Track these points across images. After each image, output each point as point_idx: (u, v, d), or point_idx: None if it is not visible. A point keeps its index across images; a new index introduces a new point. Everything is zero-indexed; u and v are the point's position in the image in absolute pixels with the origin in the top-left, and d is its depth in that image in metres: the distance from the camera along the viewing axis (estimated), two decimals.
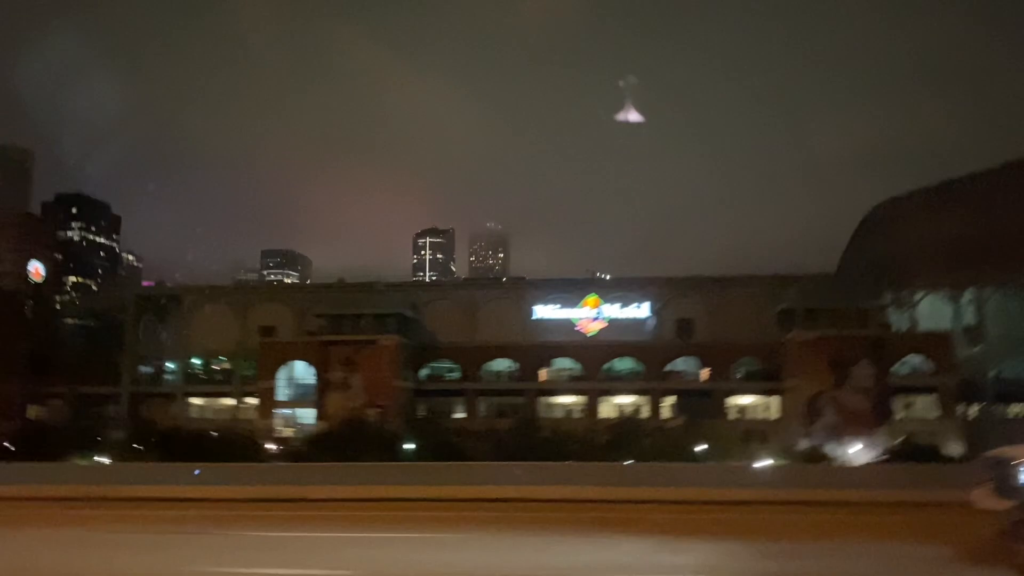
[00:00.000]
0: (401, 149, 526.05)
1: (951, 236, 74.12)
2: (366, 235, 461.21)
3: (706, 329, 78.67)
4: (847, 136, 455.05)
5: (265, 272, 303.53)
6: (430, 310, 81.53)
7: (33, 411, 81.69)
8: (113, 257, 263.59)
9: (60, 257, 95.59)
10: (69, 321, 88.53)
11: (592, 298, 79.72)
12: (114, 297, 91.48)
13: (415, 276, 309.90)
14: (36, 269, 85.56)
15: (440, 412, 77.16)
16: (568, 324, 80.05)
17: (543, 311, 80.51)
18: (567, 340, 79.08)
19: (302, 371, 78.13)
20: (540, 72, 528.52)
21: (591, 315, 79.60)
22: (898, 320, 76.25)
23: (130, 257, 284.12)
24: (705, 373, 78.69)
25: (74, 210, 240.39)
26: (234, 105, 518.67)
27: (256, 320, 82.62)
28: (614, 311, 79.49)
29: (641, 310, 79.29)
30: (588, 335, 79.42)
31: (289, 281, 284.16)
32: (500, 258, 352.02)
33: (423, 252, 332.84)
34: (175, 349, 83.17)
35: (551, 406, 78.44)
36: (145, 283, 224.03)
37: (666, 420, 73.24)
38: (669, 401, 76.49)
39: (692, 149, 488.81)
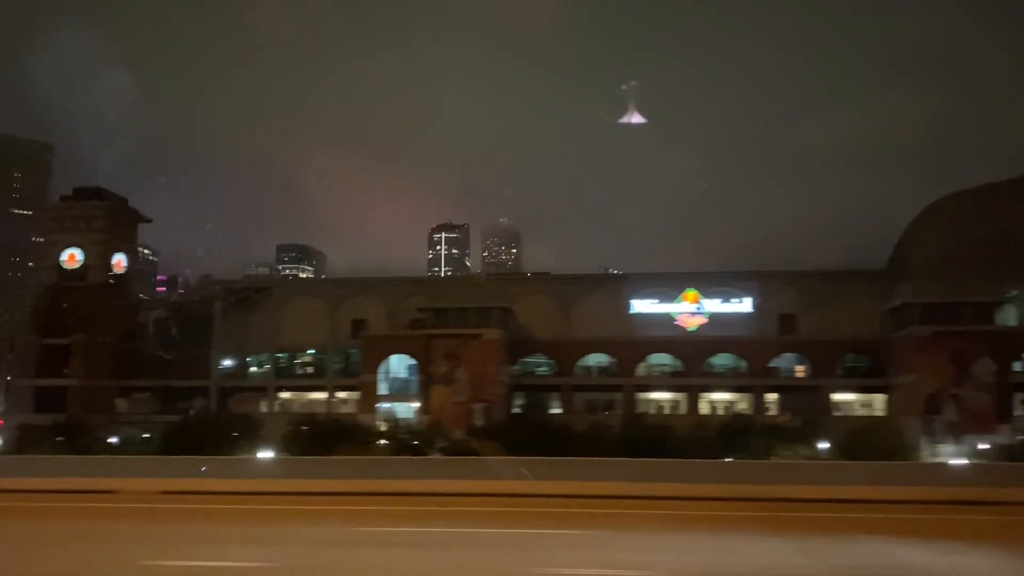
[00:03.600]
0: (413, 146, 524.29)
1: None
2: (380, 230, 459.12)
3: (807, 325, 77.79)
4: (851, 132, 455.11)
5: (280, 267, 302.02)
6: (523, 304, 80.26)
7: (121, 404, 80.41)
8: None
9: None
10: (151, 314, 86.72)
11: (691, 292, 78.58)
12: (198, 290, 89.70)
13: (431, 271, 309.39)
14: (119, 261, 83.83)
15: (537, 407, 76.22)
16: (666, 319, 78.91)
17: (641, 305, 79.30)
18: (665, 335, 78.04)
19: (396, 365, 77.13)
20: (550, 69, 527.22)
21: (691, 310, 78.52)
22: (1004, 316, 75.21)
23: (146, 251, 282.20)
24: (800, 369, 78.03)
25: None
26: (248, 102, 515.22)
27: (345, 314, 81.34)
28: (715, 306, 78.35)
29: (743, 305, 78.16)
30: (688, 330, 78.38)
31: (304, 276, 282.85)
32: (513, 253, 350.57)
33: (438, 247, 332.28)
34: (262, 343, 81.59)
35: (646, 402, 77.53)
36: (160, 276, 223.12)
37: (774, 417, 72.42)
38: (769, 398, 75.93)
39: (701, 145, 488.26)
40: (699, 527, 25.87)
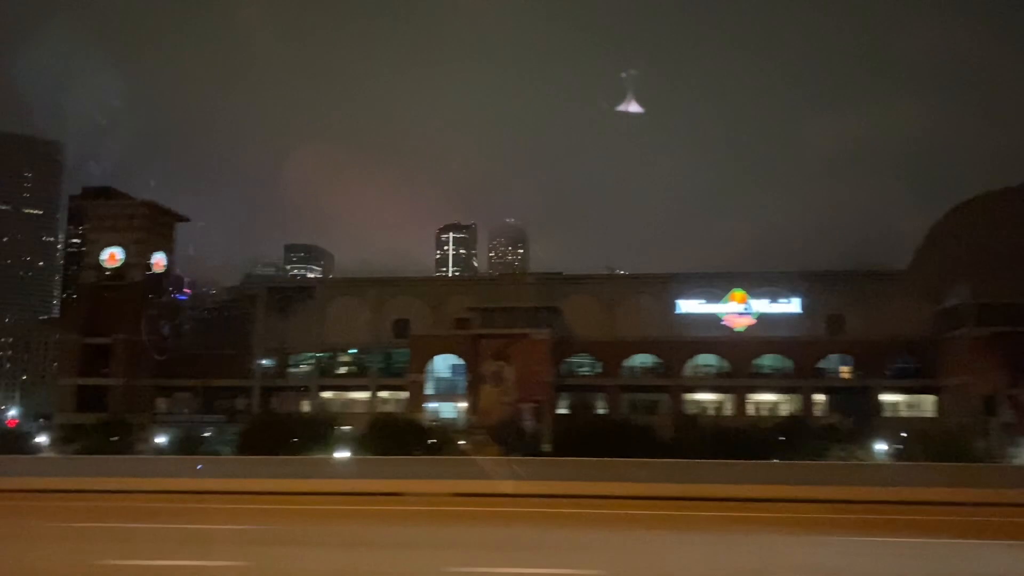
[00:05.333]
0: (420, 147, 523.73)
1: None
2: (387, 231, 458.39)
3: (854, 325, 77.34)
4: (851, 137, 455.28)
5: (288, 267, 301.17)
6: (567, 304, 79.68)
7: (162, 404, 79.72)
8: None
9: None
10: (190, 312, 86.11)
11: (739, 292, 78.03)
12: (241, 289, 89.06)
13: (438, 271, 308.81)
14: (159, 260, 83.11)
15: (581, 407, 75.63)
16: (713, 319, 78.38)
17: (687, 306, 78.75)
18: (712, 336, 77.48)
19: (439, 365, 76.51)
20: (555, 69, 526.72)
21: (738, 310, 77.98)
22: None
23: None
24: (846, 370, 77.48)
25: None
26: (255, 102, 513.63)
27: (386, 313, 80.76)
28: (763, 306, 77.79)
29: (791, 305, 77.62)
30: (735, 331, 77.84)
31: (312, 276, 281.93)
32: (520, 253, 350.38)
33: (446, 247, 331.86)
34: (303, 342, 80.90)
35: (691, 403, 76.90)
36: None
37: (822, 417, 71.90)
38: (817, 399, 75.39)
39: (706, 145, 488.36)
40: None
